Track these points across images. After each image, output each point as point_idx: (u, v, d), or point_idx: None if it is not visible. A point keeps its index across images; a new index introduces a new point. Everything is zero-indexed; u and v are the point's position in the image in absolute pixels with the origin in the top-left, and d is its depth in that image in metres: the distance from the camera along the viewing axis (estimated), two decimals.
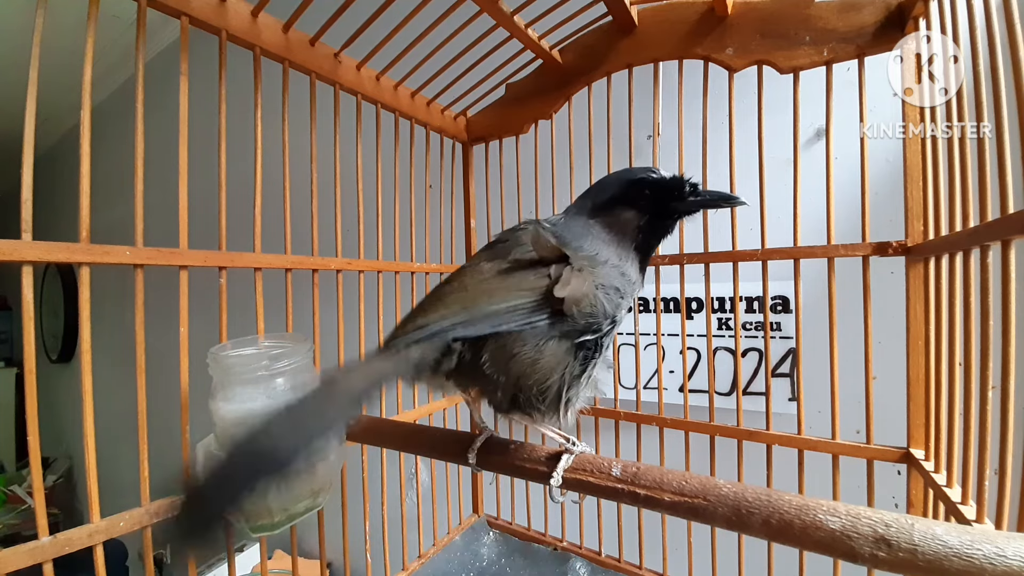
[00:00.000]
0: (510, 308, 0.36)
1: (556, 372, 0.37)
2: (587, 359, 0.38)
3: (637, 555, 0.73)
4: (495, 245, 0.44)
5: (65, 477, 3.13)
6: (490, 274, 0.39)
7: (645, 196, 0.43)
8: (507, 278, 0.38)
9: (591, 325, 0.37)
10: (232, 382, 0.44)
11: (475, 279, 0.39)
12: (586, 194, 0.47)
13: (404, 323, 0.39)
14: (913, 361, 0.53)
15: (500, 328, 0.35)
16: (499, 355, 0.36)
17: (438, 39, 0.66)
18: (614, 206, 0.44)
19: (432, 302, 0.39)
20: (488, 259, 0.42)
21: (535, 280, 0.37)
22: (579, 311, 0.36)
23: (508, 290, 0.37)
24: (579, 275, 0.37)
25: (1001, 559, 0.23)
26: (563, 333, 0.37)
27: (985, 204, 0.38)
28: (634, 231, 0.43)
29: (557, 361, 0.37)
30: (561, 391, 0.37)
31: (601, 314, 0.37)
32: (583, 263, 0.38)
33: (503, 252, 0.41)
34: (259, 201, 0.56)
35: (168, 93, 0.61)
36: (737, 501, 0.30)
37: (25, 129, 0.39)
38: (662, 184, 0.43)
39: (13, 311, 4.11)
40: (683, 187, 0.44)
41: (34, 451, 0.41)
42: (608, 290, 0.38)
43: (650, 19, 0.67)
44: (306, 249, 0.63)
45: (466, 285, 0.39)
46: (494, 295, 0.37)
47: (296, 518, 0.46)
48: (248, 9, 0.54)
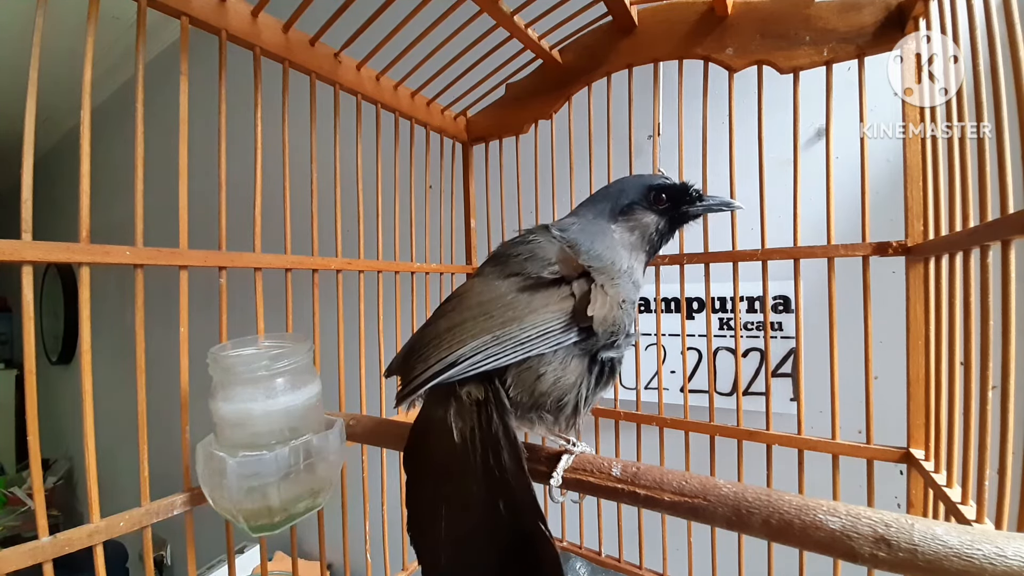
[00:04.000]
0: (541, 333, 0.36)
1: (574, 388, 0.37)
2: (604, 373, 0.38)
3: (637, 555, 0.73)
4: (503, 258, 0.43)
5: (65, 478, 3.13)
6: (510, 294, 0.38)
7: (663, 200, 0.45)
8: (531, 299, 0.38)
9: (613, 341, 0.38)
10: (232, 382, 0.44)
11: (496, 303, 0.38)
12: (602, 197, 0.47)
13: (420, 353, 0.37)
14: (913, 361, 0.53)
15: (532, 353, 0.35)
16: (525, 377, 0.36)
17: (438, 39, 0.66)
18: (635, 210, 0.45)
19: (451, 331, 0.37)
20: (499, 274, 0.41)
21: (560, 301, 0.37)
22: (604, 329, 0.36)
23: (536, 312, 0.36)
24: (602, 292, 0.37)
25: (1001, 559, 0.23)
26: (582, 350, 0.37)
27: (985, 204, 0.38)
28: (652, 234, 0.45)
29: (577, 376, 0.37)
30: (579, 405, 0.38)
31: (621, 329, 0.38)
32: (603, 279, 0.39)
33: (516, 267, 0.41)
34: (259, 201, 0.56)
35: (168, 93, 0.61)
36: (737, 501, 0.30)
37: (25, 129, 0.39)
38: (677, 189, 0.45)
39: (13, 312, 4.11)
40: (690, 193, 0.45)
41: (34, 452, 0.40)
42: (627, 305, 0.39)
43: (650, 19, 0.67)
44: (306, 249, 0.63)
45: (489, 311, 0.37)
46: (524, 320, 0.36)
47: (296, 518, 0.45)
48: (248, 9, 0.54)
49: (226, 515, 0.44)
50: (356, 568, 0.68)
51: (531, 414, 0.38)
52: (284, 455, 0.42)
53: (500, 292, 0.39)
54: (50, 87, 1.38)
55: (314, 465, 0.44)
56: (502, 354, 0.35)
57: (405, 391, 0.36)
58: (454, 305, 0.40)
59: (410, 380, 0.36)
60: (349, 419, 0.51)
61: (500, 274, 0.41)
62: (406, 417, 0.75)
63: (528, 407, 0.37)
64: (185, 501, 0.49)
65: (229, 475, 0.41)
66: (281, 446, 0.43)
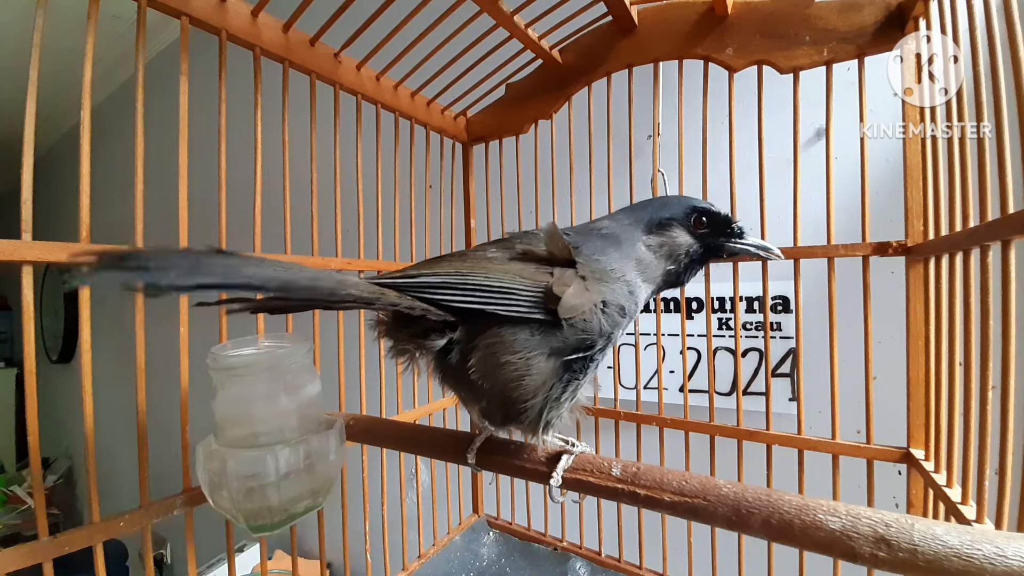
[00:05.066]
0: (503, 289, 0.35)
1: (541, 392, 0.36)
2: (571, 381, 0.37)
3: (637, 555, 0.73)
4: (506, 240, 0.43)
5: (65, 477, 3.13)
6: (493, 256, 0.39)
7: (703, 225, 0.44)
8: (509, 264, 0.38)
9: (583, 341, 0.36)
10: (232, 382, 0.44)
11: (477, 256, 0.39)
12: (643, 207, 0.46)
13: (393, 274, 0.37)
14: (913, 361, 0.53)
15: (487, 307, 0.34)
16: (487, 360, 0.35)
17: (438, 39, 0.66)
18: (672, 226, 0.44)
19: (427, 263, 0.39)
20: (497, 248, 0.41)
21: (536, 272, 0.37)
22: (571, 322, 0.35)
23: (507, 272, 0.36)
24: (581, 283, 0.36)
25: (1001, 559, 0.23)
26: (552, 350, 0.35)
27: (985, 204, 0.38)
28: (682, 256, 0.44)
29: (543, 380, 0.36)
30: (542, 412, 0.37)
31: (596, 331, 0.36)
32: (589, 275, 0.37)
33: (513, 241, 0.41)
34: (259, 201, 0.56)
35: (168, 93, 0.61)
36: (737, 501, 0.30)
37: (25, 129, 0.39)
38: (720, 219, 0.44)
39: (13, 311, 4.11)
40: (732, 227, 0.44)
41: (34, 451, 0.41)
42: (610, 307, 0.37)
43: (650, 19, 0.67)
44: (306, 249, 0.63)
45: (466, 256, 0.39)
46: (491, 273, 0.36)
47: (296, 518, 0.45)
48: (248, 9, 0.54)
49: (226, 515, 0.44)
50: (356, 568, 0.68)
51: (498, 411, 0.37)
52: (284, 455, 0.43)
53: (486, 251, 0.40)
54: (50, 87, 1.38)
55: (314, 465, 0.44)
56: (457, 288, 0.34)
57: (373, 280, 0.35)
58: (440, 256, 0.42)
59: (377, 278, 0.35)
60: (349, 419, 0.52)
61: (495, 248, 0.41)
62: (405, 417, 0.75)
63: (496, 402, 0.37)
64: (185, 501, 0.49)
65: (229, 475, 0.41)
66: (281, 446, 0.43)
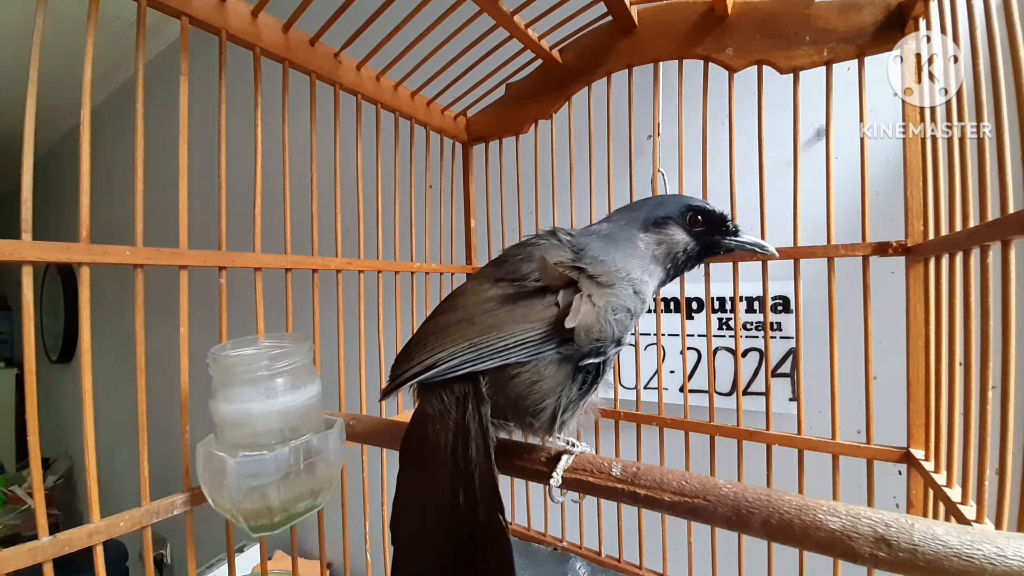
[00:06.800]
0: (518, 343, 0.36)
1: (553, 395, 0.37)
2: (586, 383, 0.38)
3: (637, 555, 0.73)
4: (503, 262, 0.43)
5: (65, 477, 3.13)
6: (496, 302, 0.39)
7: (699, 223, 0.44)
8: (514, 308, 0.38)
9: (597, 348, 0.37)
10: (232, 382, 0.44)
11: (480, 308, 0.39)
12: (639, 206, 0.47)
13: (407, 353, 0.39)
14: (913, 361, 0.53)
15: (509, 361, 0.36)
16: (498, 379, 0.36)
17: (438, 39, 0.66)
18: (668, 225, 0.44)
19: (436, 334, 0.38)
20: (492, 276, 0.41)
21: (543, 310, 0.37)
22: (587, 337, 0.36)
23: (516, 322, 0.36)
24: (587, 301, 0.37)
25: (1001, 559, 0.23)
26: (565, 356, 0.36)
27: (985, 204, 0.38)
28: (679, 254, 0.44)
29: (556, 383, 0.37)
30: (556, 413, 0.37)
31: (608, 338, 0.37)
32: (592, 287, 0.38)
33: (511, 268, 0.41)
34: (259, 201, 0.56)
35: (168, 93, 0.61)
36: (737, 501, 0.30)
37: (25, 129, 0.39)
38: (715, 216, 0.45)
39: (13, 311, 4.11)
40: (728, 225, 0.45)
41: (34, 451, 0.40)
42: (619, 312, 0.38)
43: (650, 19, 0.67)
44: (306, 249, 0.63)
45: (472, 316, 0.38)
46: (503, 328, 0.36)
47: (296, 518, 0.45)
48: (248, 9, 0.54)
49: (226, 515, 0.44)
50: (356, 568, 0.68)
51: (509, 416, 0.38)
52: (284, 455, 0.42)
53: (487, 297, 0.39)
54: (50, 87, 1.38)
55: (314, 465, 0.44)
56: (477, 360, 0.36)
57: (388, 388, 0.38)
58: (446, 307, 0.41)
59: (393, 378, 0.38)
60: (349, 419, 0.52)
61: (493, 276, 0.41)
62: (405, 417, 0.75)
63: (503, 408, 0.37)
64: (185, 501, 0.49)
65: (229, 475, 0.41)
66: (281, 446, 0.43)
